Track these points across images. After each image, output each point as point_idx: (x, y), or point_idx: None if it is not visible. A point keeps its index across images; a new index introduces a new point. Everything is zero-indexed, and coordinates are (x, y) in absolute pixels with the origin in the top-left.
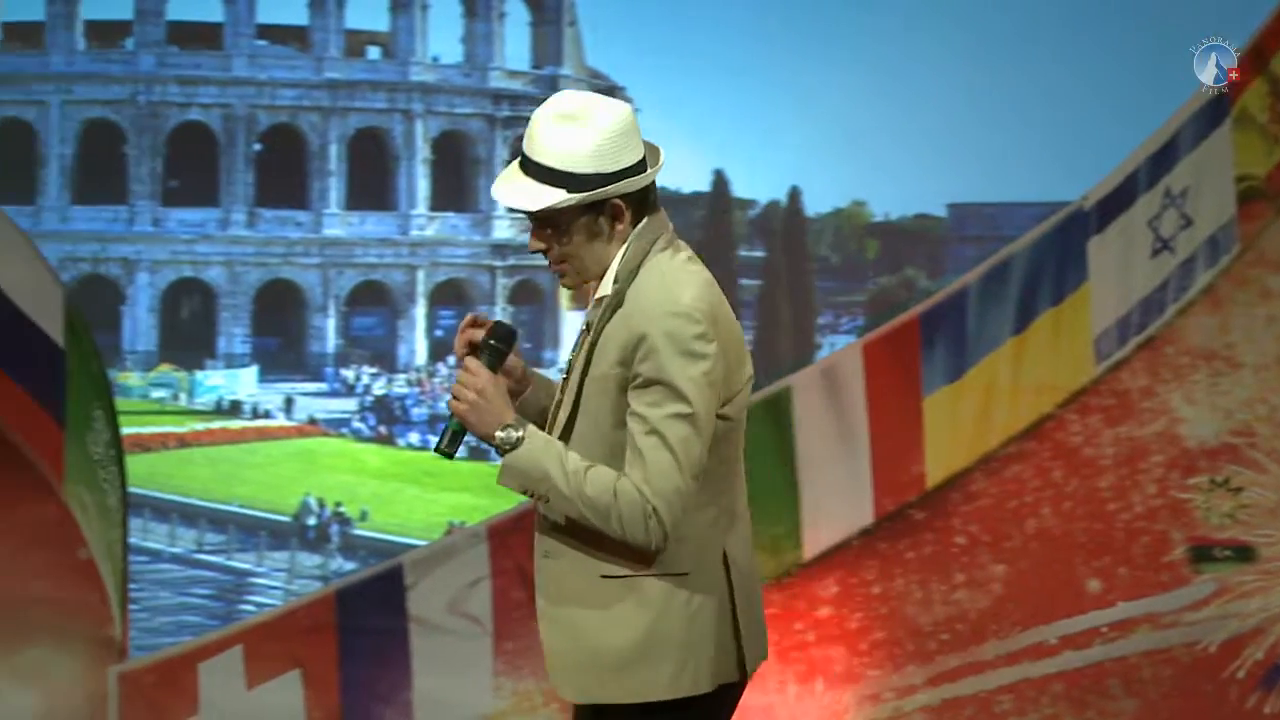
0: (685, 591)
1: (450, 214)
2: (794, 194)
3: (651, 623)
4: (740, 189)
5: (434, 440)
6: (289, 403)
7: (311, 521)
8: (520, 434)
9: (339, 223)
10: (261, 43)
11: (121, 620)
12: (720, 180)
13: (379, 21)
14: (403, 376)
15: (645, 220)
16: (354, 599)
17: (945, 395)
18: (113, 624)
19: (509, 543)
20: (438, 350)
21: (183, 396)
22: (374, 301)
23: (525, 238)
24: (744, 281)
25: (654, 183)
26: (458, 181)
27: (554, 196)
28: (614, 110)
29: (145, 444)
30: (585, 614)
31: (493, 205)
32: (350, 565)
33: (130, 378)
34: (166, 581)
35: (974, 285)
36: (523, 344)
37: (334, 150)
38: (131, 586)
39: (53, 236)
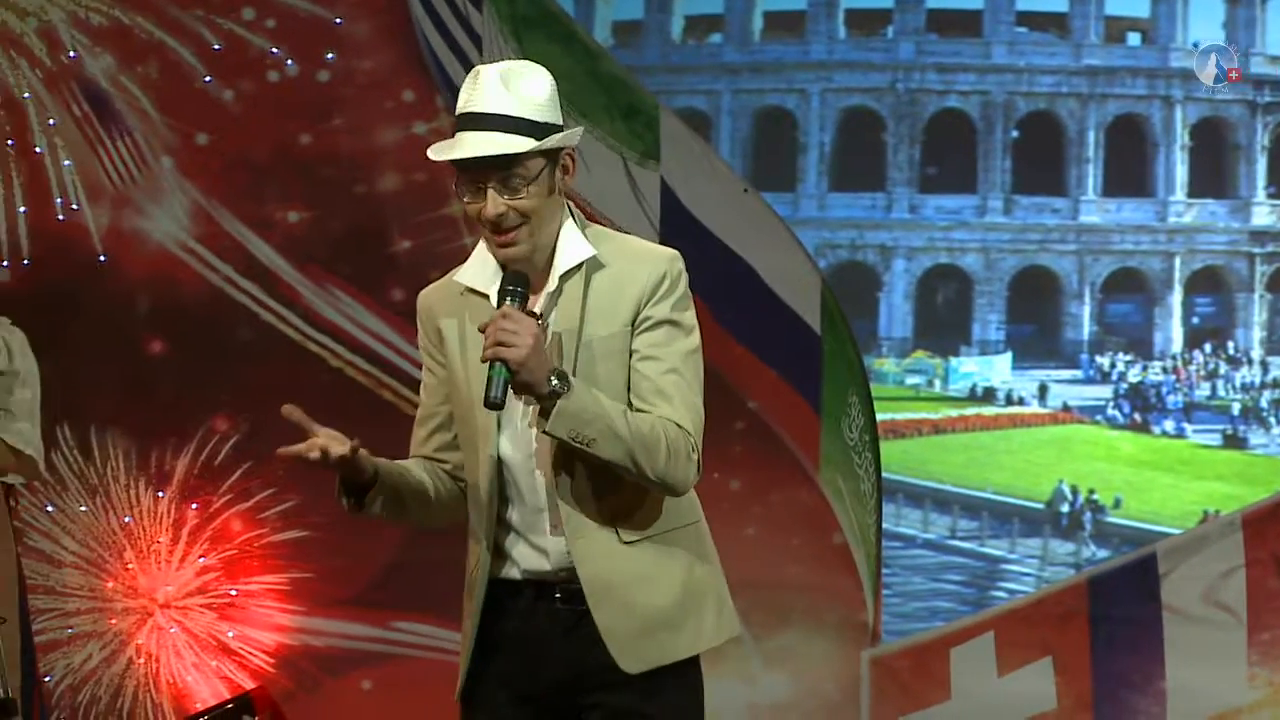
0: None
1: (1209, 200)
2: None
3: (687, 573)
4: None
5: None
6: (1043, 389)
7: (1065, 509)
8: (570, 379)
9: (1095, 209)
10: (1021, 30)
11: (874, 605)
12: None
13: (1139, 8)
14: (1158, 363)
15: None
16: (1107, 587)
17: None
18: (865, 609)
19: (1264, 532)
20: (1194, 338)
21: (937, 383)
22: (1129, 288)
23: None
24: None
25: None
26: (1216, 167)
27: (525, 143)
28: (541, 68)
29: (899, 430)
30: (627, 583)
31: (1252, 192)
32: (1103, 553)
33: (885, 364)
34: (919, 567)
35: None
36: None
37: (1091, 137)
38: (884, 571)
39: (811, 224)
